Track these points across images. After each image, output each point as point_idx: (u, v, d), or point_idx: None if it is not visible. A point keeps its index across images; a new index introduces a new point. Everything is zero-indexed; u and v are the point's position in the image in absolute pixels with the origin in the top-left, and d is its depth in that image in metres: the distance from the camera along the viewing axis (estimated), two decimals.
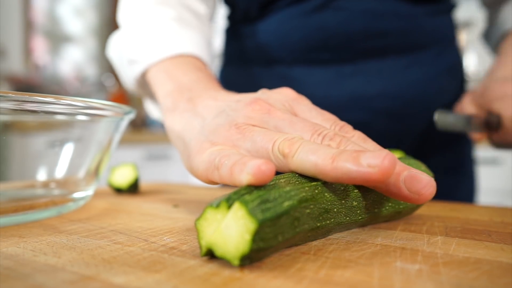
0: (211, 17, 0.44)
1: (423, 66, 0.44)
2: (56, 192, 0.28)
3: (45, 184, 0.28)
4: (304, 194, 0.17)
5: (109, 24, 2.35)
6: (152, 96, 0.40)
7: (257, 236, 0.14)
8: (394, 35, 0.42)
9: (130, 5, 0.40)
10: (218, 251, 0.15)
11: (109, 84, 2.01)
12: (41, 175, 0.28)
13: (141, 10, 0.39)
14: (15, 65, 1.74)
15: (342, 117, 0.22)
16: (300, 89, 0.34)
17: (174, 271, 0.15)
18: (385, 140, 0.43)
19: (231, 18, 0.50)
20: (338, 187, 0.19)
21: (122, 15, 0.41)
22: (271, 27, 0.44)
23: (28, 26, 1.84)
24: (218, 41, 1.05)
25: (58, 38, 2.07)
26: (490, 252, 0.17)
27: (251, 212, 0.14)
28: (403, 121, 0.44)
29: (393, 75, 0.43)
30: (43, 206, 0.25)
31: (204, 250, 0.16)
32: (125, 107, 0.28)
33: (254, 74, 0.47)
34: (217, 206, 0.15)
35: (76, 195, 0.28)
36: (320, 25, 0.42)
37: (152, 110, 0.42)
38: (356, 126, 0.23)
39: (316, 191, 0.18)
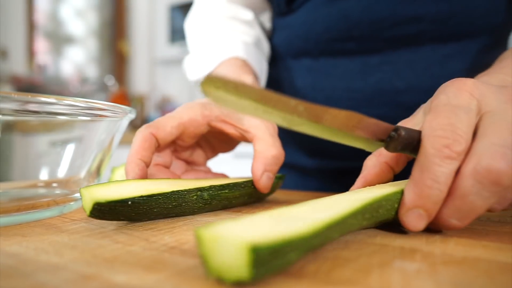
0: (260, 20, 0.48)
1: (468, 57, 0.38)
2: (58, 191, 0.28)
3: (47, 184, 0.28)
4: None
5: (109, 25, 2.35)
6: None
7: None
8: (428, 20, 0.37)
9: (188, 30, 0.49)
10: None
11: (110, 85, 2.02)
12: (43, 175, 0.28)
13: (194, 32, 0.47)
14: (17, 66, 1.74)
15: (365, 112, 0.21)
16: (324, 82, 0.34)
17: (174, 270, 0.15)
18: None
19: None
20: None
21: (188, 42, 0.49)
22: (298, 20, 0.43)
23: (31, 28, 1.85)
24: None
25: (60, 40, 2.08)
26: (487, 252, 0.17)
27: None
28: None
29: (427, 66, 0.38)
30: (45, 206, 0.25)
31: None
32: (125, 108, 0.28)
33: (283, 68, 0.47)
34: None
35: (78, 195, 0.28)
36: (343, 13, 0.39)
37: None
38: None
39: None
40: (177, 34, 2.34)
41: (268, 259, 0.13)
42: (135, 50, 2.41)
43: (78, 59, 2.16)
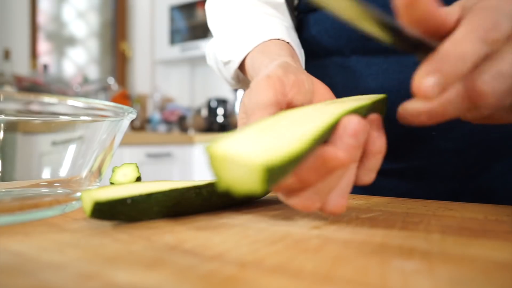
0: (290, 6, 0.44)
1: None
2: (60, 191, 0.29)
3: (50, 184, 0.29)
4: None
5: (110, 26, 2.35)
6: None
7: None
8: None
9: (213, 12, 0.45)
10: None
11: (111, 85, 2.02)
12: (46, 175, 0.28)
13: (222, 14, 0.44)
14: (20, 66, 1.75)
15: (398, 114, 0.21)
16: (356, 81, 0.33)
17: (175, 270, 0.15)
18: (450, 141, 0.38)
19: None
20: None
21: (209, 23, 0.45)
22: (328, 16, 0.41)
23: (34, 29, 1.86)
24: None
25: (62, 40, 2.08)
26: (485, 250, 0.17)
27: None
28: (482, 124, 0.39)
29: None
30: (48, 205, 0.25)
31: None
32: (126, 108, 0.28)
33: (311, 66, 0.44)
34: None
35: (80, 194, 0.28)
36: (380, 8, 0.38)
37: None
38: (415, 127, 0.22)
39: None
40: (177, 35, 2.34)
41: (277, 175, 0.15)
42: (136, 51, 2.42)
43: (80, 60, 2.17)
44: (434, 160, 0.41)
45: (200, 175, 1.97)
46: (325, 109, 0.22)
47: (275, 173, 0.14)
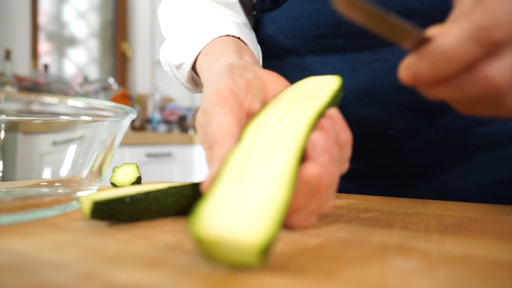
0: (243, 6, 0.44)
1: None
2: (61, 191, 0.29)
3: (50, 183, 0.29)
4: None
5: (111, 26, 2.36)
6: None
7: None
8: (422, 15, 0.34)
9: (165, 16, 0.44)
10: None
11: (111, 85, 2.03)
12: (46, 175, 0.28)
13: (173, 17, 0.42)
14: (21, 66, 1.75)
15: (356, 112, 0.21)
16: None
17: (175, 269, 0.15)
18: (408, 141, 0.37)
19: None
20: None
21: (162, 28, 0.44)
22: (283, 15, 0.40)
23: (34, 29, 1.86)
24: None
25: (63, 41, 2.08)
26: (485, 250, 0.17)
27: None
28: (432, 120, 0.36)
29: None
30: (48, 205, 0.25)
31: None
32: (127, 108, 0.28)
33: (268, 67, 0.43)
34: None
35: (80, 194, 0.28)
36: (332, 7, 0.36)
37: None
38: (373, 123, 0.22)
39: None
40: None
41: (274, 240, 0.14)
42: (137, 51, 2.42)
43: (80, 60, 2.17)
44: (394, 160, 0.40)
45: (201, 175, 1.97)
46: (289, 122, 0.21)
47: (272, 243, 0.14)
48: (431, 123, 0.37)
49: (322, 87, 0.26)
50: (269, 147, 0.19)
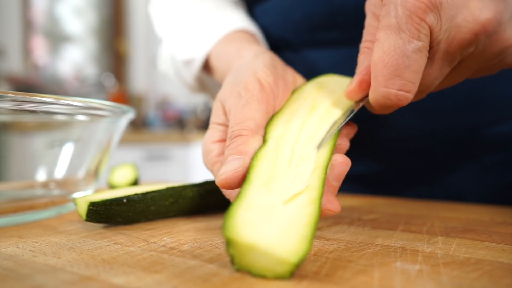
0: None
1: None
2: (56, 192, 0.28)
3: (45, 185, 0.28)
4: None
5: (108, 24, 2.34)
6: (211, 92, 0.41)
7: None
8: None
9: (161, 14, 0.43)
10: None
11: (108, 84, 2.01)
12: (41, 175, 0.28)
13: (172, 14, 0.41)
14: (14, 65, 1.74)
15: (356, 112, 0.21)
16: (306, 76, 0.32)
17: (174, 272, 0.15)
18: (410, 140, 0.36)
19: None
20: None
21: (158, 27, 0.43)
22: (275, 6, 0.39)
23: (27, 26, 1.84)
24: None
25: (57, 38, 2.07)
26: (491, 253, 0.17)
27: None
28: (434, 117, 0.35)
29: None
30: (43, 207, 0.25)
31: None
32: (124, 107, 0.28)
33: None
34: None
35: (76, 195, 0.28)
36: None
37: None
38: (369, 121, 0.22)
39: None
40: None
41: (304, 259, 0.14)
42: (134, 49, 2.41)
43: (76, 58, 2.15)
44: (398, 162, 0.38)
45: (198, 175, 1.96)
46: (310, 131, 0.22)
47: (305, 258, 0.14)
48: (433, 123, 0.35)
49: (342, 89, 0.26)
50: (294, 157, 0.20)
